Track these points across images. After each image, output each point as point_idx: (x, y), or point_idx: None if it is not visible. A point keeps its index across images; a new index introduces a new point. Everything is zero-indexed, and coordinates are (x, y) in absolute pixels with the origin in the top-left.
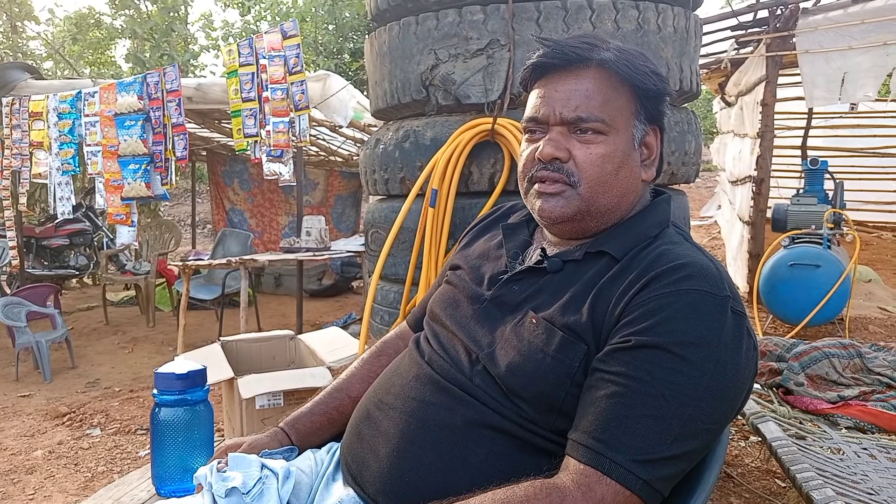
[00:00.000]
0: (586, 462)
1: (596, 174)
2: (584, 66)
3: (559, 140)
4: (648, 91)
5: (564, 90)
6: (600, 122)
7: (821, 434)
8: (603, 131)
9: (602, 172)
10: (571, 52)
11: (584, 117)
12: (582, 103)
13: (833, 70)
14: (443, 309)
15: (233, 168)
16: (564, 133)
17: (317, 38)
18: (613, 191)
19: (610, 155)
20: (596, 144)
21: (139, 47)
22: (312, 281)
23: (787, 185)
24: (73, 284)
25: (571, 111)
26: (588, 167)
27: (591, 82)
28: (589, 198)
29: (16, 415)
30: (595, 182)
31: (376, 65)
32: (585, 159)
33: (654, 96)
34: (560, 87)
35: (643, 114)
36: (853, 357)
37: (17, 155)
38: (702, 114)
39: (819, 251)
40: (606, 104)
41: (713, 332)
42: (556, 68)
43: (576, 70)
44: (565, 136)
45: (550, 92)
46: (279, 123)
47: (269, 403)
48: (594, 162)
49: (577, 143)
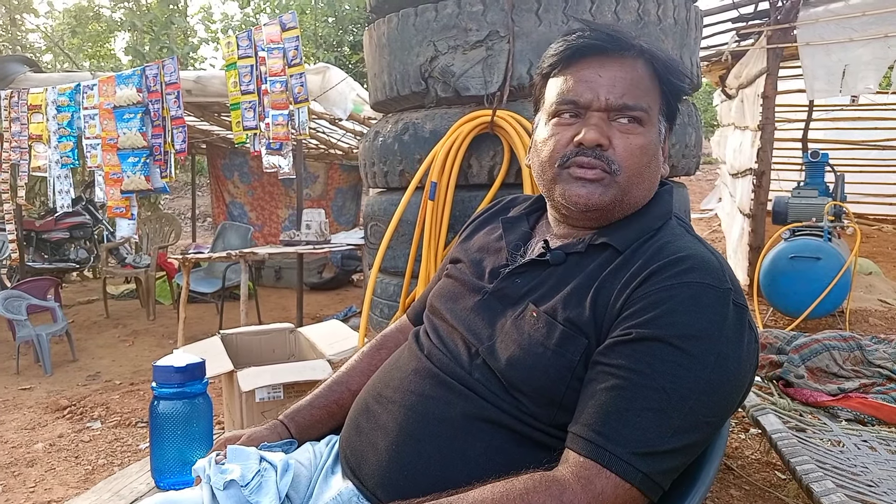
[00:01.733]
0: (586, 455)
1: (635, 164)
2: (628, 53)
3: (602, 126)
4: (676, 88)
5: (609, 76)
6: (644, 112)
7: (821, 426)
8: (643, 121)
9: (640, 164)
10: (618, 37)
11: (631, 105)
12: (629, 91)
13: (834, 62)
14: (443, 302)
15: (233, 161)
16: (605, 119)
17: (316, 30)
18: (645, 183)
19: (646, 147)
20: (635, 135)
21: (138, 40)
22: (313, 274)
23: (787, 177)
24: (73, 278)
25: (618, 97)
26: (628, 157)
27: (635, 71)
28: (626, 188)
29: (16, 408)
30: (633, 172)
31: (375, 57)
32: (626, 149)
33: (678, 95)
34: (604, 73)
35: (666, 109)
36: (853, 349)
37: (17, 148)
38: (702, 106)
39: (820, 244)
40: (649, 95)
41: (714, 325)
42: (600, 52)
43: (619, 57)
44: (606, 123)
45: (593, 76)
46: (278, 116)
47: (269, 396)
48: (633, 152)
49: (616, 131)
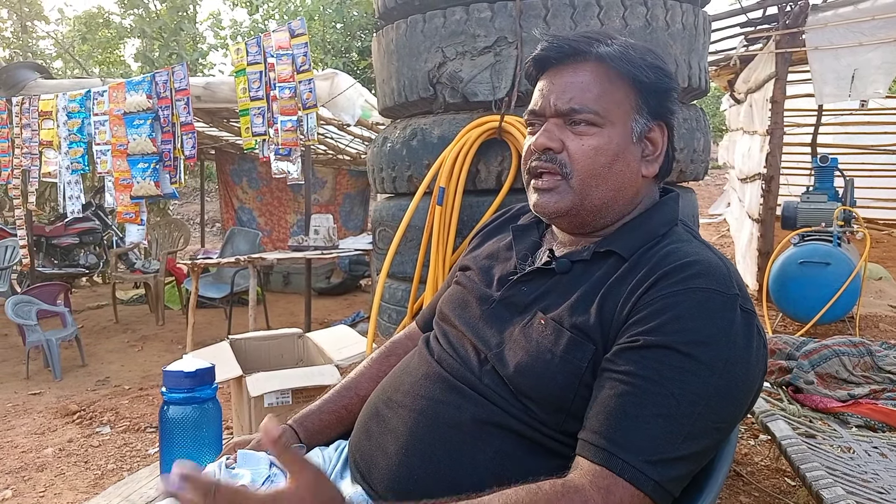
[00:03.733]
0: (599, 462)
1: (588, 165)
2: (583, 59)
3: (553, 131)
4: (649, 86)
5: (561, 83)
6: (593, 114)
7: (831, 432)
8: (597, 123)
9: (594, 164)
10: (568, 46)
11: (578, 108)
12: (576, 95)
13: (843, 67)
14: (452, 309)
15: (242, 167)
16: (560, 125)
17: (325, 36)
18: (607, 184)
19: (603, 147)
20: (589, 136)
21: (148, 46)
22: (321, 279)
23: (796, 182)
24: (83, 283)
25: (565, 103)
26: (580, 158)
27: (587, 75)
28: (581, 190)
29: (26, 412)
30: (587, 174)
31: (384, 63)
32: (578, 150)
33: (657, 91)
34: (557, 80)
35: (645, 108)
36: (863, 355)
37: (27, 154)
38: (711, 111)
39: (829, 249)
40: (602, 97)
41: (722, 331)
42: (556, 62)
43: (573, 64)
44: (560, 128)
45: (548, 85)
46: (287, 122)
47: (278, 401)
48: (586, 153)
49: (571, 134)
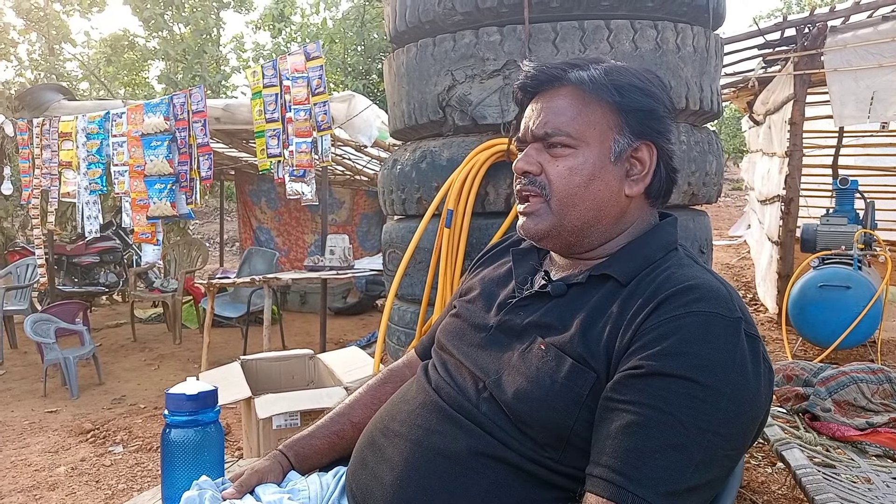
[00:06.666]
0: (609, 498)
1: (564, 186)
2: (559, 85)
3: (532, 155)
4: (628, 106)
5: (538, 108)
6: (566, 136)
7: (848, 462)
8: (570, 145)
9: (569, 185)
10: (543, 74)
11: (550, 132)
12: (551, 119)
13: (862, 89)
14: (449, 339)
15: (260, 187)
16: (539, 149)
17: (346, 59)
18: (585, 203)
19: (578, 168)
20: (564, 158)
21: (172, 69)
22: (337, 299)
23: (816, 204)
24: (102, 301)
25: (541, 127)
26: (556, 180)
27: (562, 100)
28: (559, 211)
29: (42, 430)
30: (564, 194)
31: (394, 86)
32: (554, 172)
33: (638, 111)
34: (535, 106)
35: (627, 129)
36: (882, 382)
37: (47, 174)
38: (731, 132)
39: (849, 272)
40: (575, 119)
41: (727, 356)
42: (533, 89)
43: (551, 90)
44: (539, 152)
45: (529, 111)
46: (302, 144)
47: (287, 423)
48: (561, 174)
49: (549, 157)
